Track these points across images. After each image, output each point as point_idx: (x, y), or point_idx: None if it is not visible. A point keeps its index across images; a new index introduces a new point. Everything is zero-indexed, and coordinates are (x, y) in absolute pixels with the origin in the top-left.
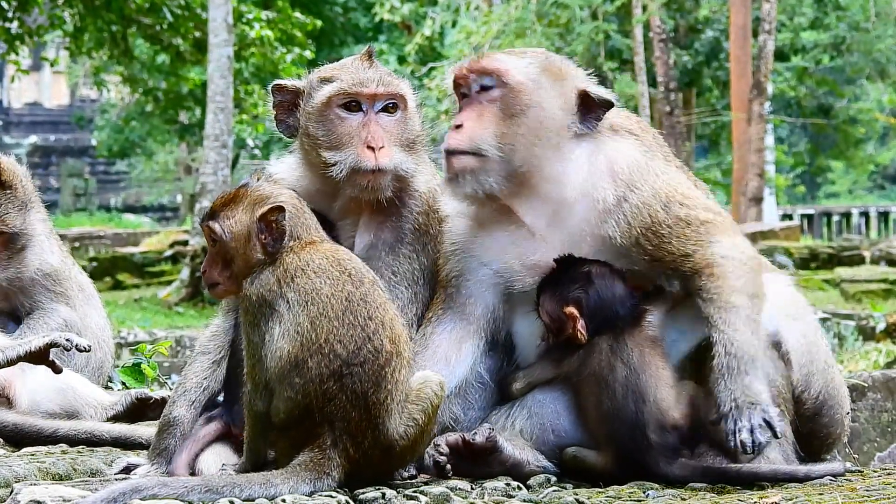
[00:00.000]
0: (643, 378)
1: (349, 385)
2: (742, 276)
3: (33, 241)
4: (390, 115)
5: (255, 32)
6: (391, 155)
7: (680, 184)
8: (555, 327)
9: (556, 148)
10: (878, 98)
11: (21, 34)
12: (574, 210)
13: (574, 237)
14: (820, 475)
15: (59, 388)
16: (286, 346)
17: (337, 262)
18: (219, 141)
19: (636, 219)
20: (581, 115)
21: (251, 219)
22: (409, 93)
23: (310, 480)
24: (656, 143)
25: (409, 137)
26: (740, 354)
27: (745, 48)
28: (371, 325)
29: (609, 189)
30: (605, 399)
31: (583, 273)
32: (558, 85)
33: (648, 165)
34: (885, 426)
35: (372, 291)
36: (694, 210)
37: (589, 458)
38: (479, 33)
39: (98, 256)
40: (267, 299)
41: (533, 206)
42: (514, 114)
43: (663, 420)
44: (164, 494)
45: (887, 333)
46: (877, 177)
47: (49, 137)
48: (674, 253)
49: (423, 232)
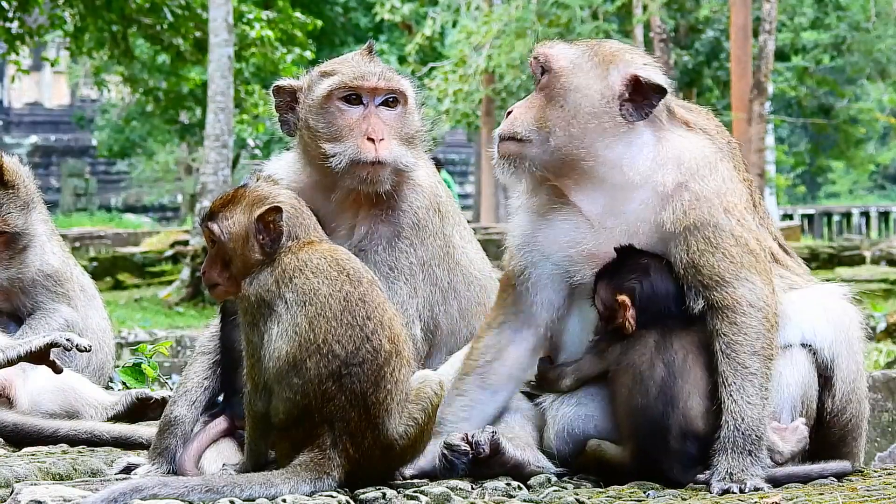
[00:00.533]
0: (679, 384)
1: (348, 385)
2: (762, 334)
3: (35, 242)
4: (391, 110)
5: (256, 32)
6: (391, 147)
7: (742, 199)
8: (606, 315)
9: (606, 132)
10: (878, 98)
11: (21, 34)
12: (632, 196)
13: (630, 224)
14: (832, 473)
15: (60, 389)
16: (284, 347)
17: (335, 261)
18: (219, 141)
19: (693, 210)
20: (634, 100)
21: (249, 219)
22: (409, 88)
23: (310, 480)
24: (730, 148)
25: (409, 132)
26: (748, 433)
27: (746, 48)
28: (370, 325)
29: (671, 174)
30: (637, 394)
31: (641, 264)
32: (603, 69)
33: (718, 164)
34: (886, 426)
35: (370, 291)
36: (747, 233)
37: (609, 451)
38: (480, 33)
39: (98, 256)
40: (265, 299)
41: (587, 193)
42: (555, 97)
43: (687, 429)
44: (165, 494)
45: (887, 333)
46: (877, 177)
47: (49, 137)
48: (713, 267)
49: (421, 226)
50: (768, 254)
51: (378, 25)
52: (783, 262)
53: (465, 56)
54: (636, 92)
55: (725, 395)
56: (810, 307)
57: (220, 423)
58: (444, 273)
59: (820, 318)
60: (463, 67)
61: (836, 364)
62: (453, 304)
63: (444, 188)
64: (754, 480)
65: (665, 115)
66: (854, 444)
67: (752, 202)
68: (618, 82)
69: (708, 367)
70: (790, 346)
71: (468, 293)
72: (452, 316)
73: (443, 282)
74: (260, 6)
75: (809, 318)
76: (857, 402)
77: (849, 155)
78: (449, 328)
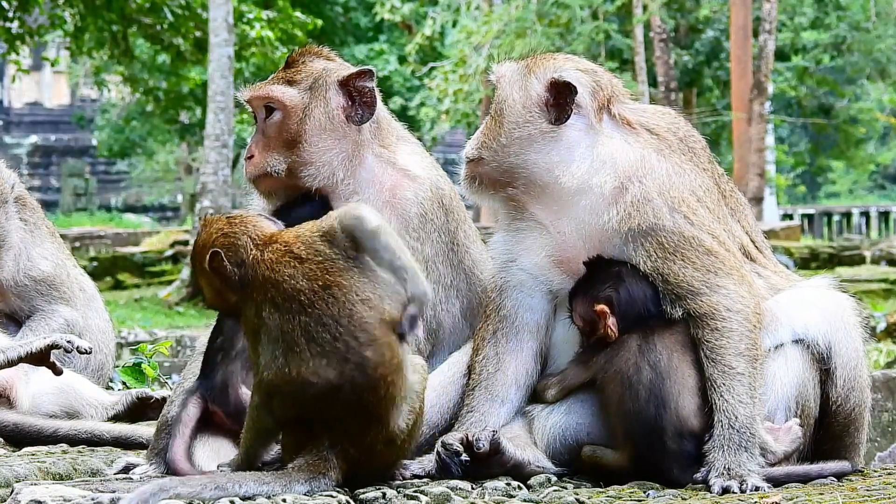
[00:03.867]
0: (667, 383)
1: (341, 398)
2: (744, 335)
3: (7, 243)
4: (270, 119)
5: (256, 32)
6: (256, 163)
7: (690, 191)
8: (587, 328)
9: (534, 140)
10: (878, 98)
11: (21, 34)
12: (577, 200)
13: (581, 229)
14: (831, 472)
15: (60, 389)
16: (271, 376)
17: (283, 289)
18: (219, 141)
19: (637, 212)
20: (558, 104)
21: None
22: (284, 93)
23: (304, 481)
24: (685, 145)
25: (288, 136)
26: (742, 430)
27: (746, 48)
28: (340, 345)
29: (608, 178)
30: (628, 399)
31: (613, 272)
32: (525, 78)
33: (656, 163)
34: (886, 426)
35: (325, 306)
36: (700, 232)
37: (606, 456)
38: (480, 33)
39: (98, 256)
40: (254, 327)
41: (538, 200)
42: (493, 113)
43: (682, 427)
44: (186, 494)
45: (887, 333)
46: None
47: (49, 137)
48: (678, 276)
49: (427, 219)
50: (736, 248)
51: (378, 25)
52: (757, 260)
53: (465, 56)
54: (559, 94)
55: (716, 396)
56: (798, 303)
57: (192, 410)
58: (447, 270)
59: (810, 311)
60: (463, 67)
61: (835, 351)
62: (455, 304)
63: (449, 183)
64: (753, 478)
65: (604, 116)
66: (857, 436)
67: (721, 193)
68: (539, 88)
69: (694, 364)
70: (782, 346)
71: (470, 293)
72: (455, 315)
73: (445, 279)
74: (260, 6)
75: (799, 313)
76: (860, 391)
77: (849, 155)
78: (452, 327)
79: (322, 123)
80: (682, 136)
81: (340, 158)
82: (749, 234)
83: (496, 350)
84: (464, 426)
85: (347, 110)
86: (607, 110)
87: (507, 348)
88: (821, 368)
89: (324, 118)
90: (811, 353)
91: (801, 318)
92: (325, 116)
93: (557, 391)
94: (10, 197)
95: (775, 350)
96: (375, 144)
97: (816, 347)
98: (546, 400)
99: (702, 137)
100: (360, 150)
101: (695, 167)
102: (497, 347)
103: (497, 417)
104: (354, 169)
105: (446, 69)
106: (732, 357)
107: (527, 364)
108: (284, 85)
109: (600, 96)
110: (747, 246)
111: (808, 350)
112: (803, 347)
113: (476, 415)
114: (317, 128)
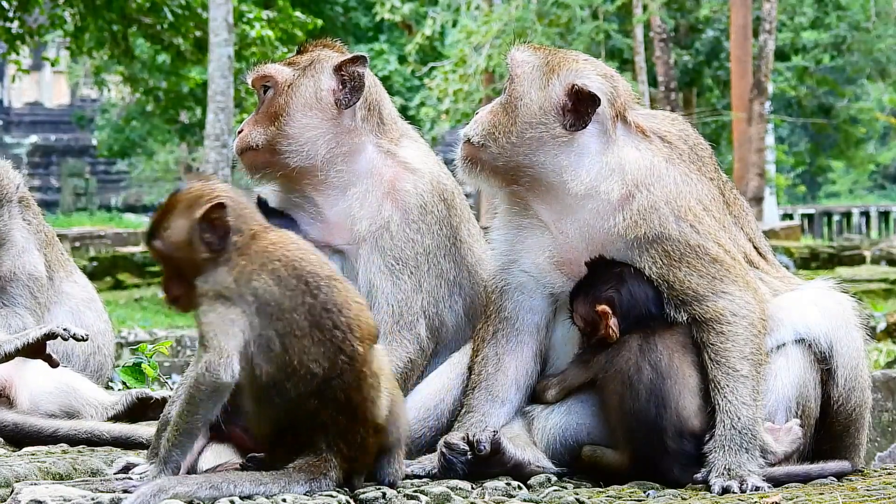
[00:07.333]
0: (668, 384)
1: (331, 396)
2: (750, 340)
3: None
4: (265, 97)
5: (256, 32)
6: (242, 135)
7: (696, 200)
8: (588, 328)
9: (545, 142)
10: (878, 98)
11: (21, 34)
12: (583, 204)
13: (585, 232)
14: (832, 472)
15: (60, 389)
16: (262, 365)
17: (291, 265)
18: (219, 141)
19: (644, 221)
20: (577, 110)
21: (191, 222)
22: (277, 71)
23: (305, 481)
24: (693, 153)
25: (273, 110)
26: (744, 431)
27: (746, 48)
28: (338, 334)
29: (616, 185)
30: (628, 399)
31: (614, 273)
32: (546, 78)
33: (665, 171)
34: (886, 426)
35: (330, 293)
36: (705, 240)
37: (606, 456)
38: (480, 33)
39: (99, 256)
40: (225, 295)
41: (542, 199)
42: (507, 104)
43: (682, 427)
44: (185, 494)
45: (887, 333)
46: (877, 176)
47: (49, 137)
48: (683, 283)
49: (427, 210)
50: (740, 256)
51: (378, 25)
52: (760, 267)
53: (465, 56)
54: (579, 101)
55: (719, 397)
56: (800, 304)
57: None
58: (449, 265)
59: (811, 311)
60: (463, 67)
61: (836, 350)
62: (458, 302)
63: (452, 180)
64: (753, 478)
65: (618, 124)
66: (857, 436)
67: (725, 201)
68: (559, 92)
69: (695, 365)
70: (784, 346)
71: (473, 292)
72: (458, 314)
73: (448, 274)
74: (260, 6)
75: (800, 314)
76: (861, 391)
77: (849, 155)
78: (455, 326)
79: (308, 101)
80: (692, 144)
81: (325, 140)
82: (752, 240)
83: (496, 351)
84: (464, 427)
85: (337, 94)
86: (622, 118)
87: (507, 349)
88: (822, 368)
89: (311, 97)
90: (813, 352)
91: (802, 318)
92: (312, 95)
93: (558, 391)
94: (15, 196)
95: (777, 350)
96: (377, 137)
97: (818, 347)
98: (546, 400)
99: (708, 145)
100: (353, 139)
101: (702, 176)
102: (497, 348)
103: (497, 418)
104: (349, 158)
105: (446, 69)
106: (737, 360)
107: (527, 365)
108: (284, 66)
109: (617, 104)
110: (750, 253)
111: (809, 350)
112: (805, 347)
113: (476, 415)
114: (301, 104)
